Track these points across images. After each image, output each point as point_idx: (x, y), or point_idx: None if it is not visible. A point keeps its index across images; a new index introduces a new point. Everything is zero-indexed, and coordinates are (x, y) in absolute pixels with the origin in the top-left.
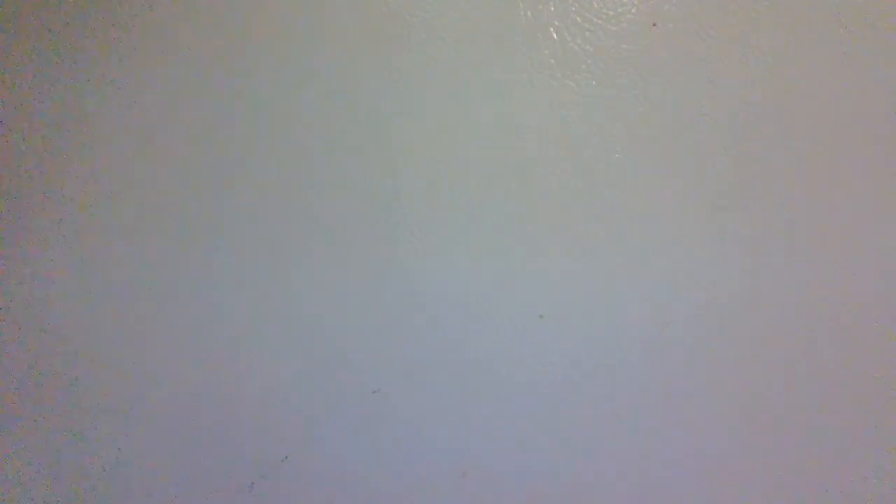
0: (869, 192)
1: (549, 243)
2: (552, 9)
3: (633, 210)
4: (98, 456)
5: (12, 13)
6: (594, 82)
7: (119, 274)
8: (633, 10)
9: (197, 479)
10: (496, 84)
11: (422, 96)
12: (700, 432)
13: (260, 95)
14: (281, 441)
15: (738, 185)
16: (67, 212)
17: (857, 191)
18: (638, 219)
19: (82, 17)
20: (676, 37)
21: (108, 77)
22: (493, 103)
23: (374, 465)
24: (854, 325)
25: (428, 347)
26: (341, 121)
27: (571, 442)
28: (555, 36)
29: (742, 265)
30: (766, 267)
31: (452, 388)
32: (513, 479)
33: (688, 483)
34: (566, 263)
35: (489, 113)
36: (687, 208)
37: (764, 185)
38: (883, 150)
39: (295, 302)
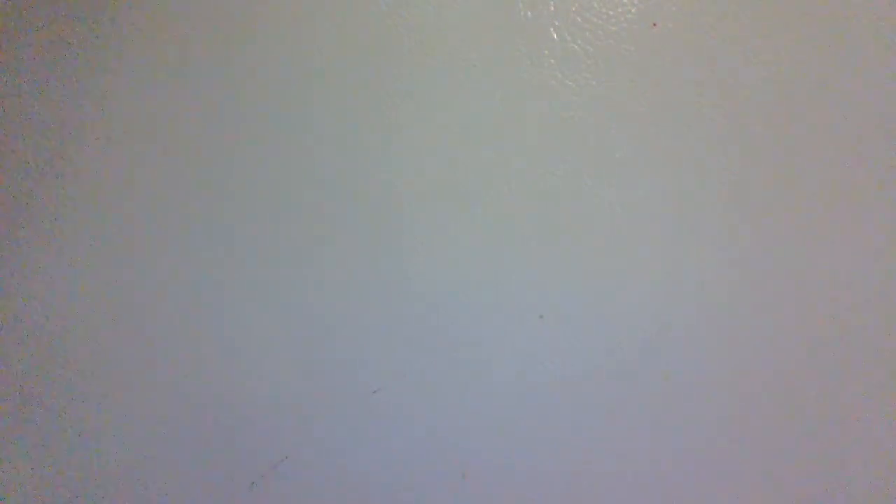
0: (870, 192)
1: (548, 243)
2: (552, 9)
3: (633, 210)
4: (97, 456)
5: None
6: (594, 82)
7: (120, 274)
8: (633, 10)
9: (197, 479)
10: (496, 84)
11: (421, 97)
12: (701, 432)
13: (260, 96)
14: (281, 441)
15: (738, 184)
16: (68, 211)
17: (858, 190)
18: (638, 219)
19: (83, 13)
20: (676, 37)
21: (107, 77)
22: (492, 103)
23: (374, 465)
24: (855, 325)
25: (428, 347)
26: (340, 121)
27: (571, 442)
28: (555, 36)
29: (742, 265)
30: (767, 266)
31: (452, 388)
32: (513, 479)
33: (688, 483)
34: (566, 263)
35: (488, 113)
36: (687, 208)
37: (764, 185)
38: (884, 149)
39: (295, 302)
